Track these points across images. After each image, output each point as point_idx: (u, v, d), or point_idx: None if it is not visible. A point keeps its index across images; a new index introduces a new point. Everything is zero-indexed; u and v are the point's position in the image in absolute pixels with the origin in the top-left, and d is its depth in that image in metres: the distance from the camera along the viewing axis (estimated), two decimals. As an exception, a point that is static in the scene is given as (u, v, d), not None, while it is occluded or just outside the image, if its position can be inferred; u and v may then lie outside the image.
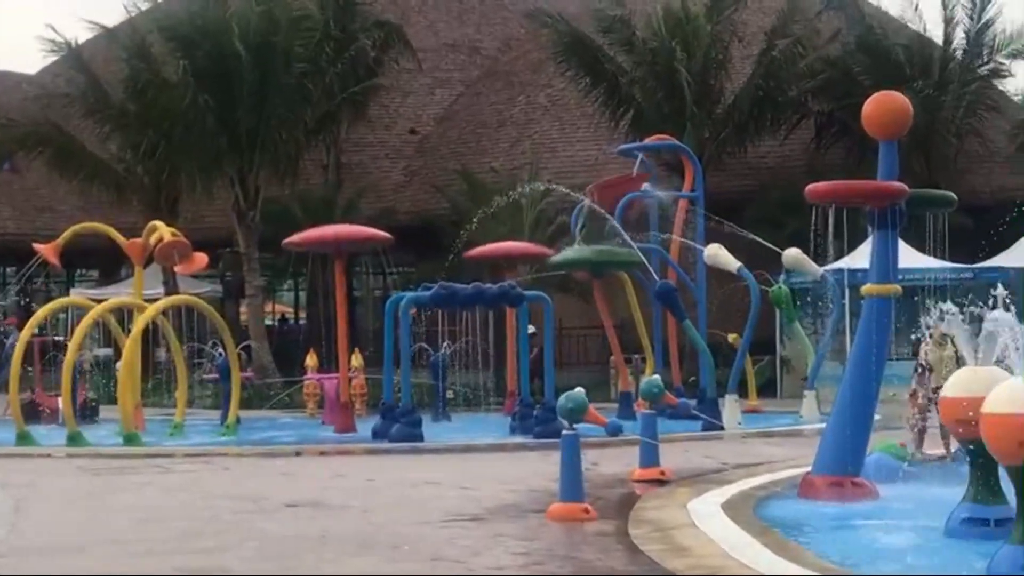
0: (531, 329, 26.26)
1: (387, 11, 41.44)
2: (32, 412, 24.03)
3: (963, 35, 37.77)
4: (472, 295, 22.06)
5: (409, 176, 41.91)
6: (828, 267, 27.09)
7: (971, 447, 10.14)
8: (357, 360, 26.06)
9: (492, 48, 46.25)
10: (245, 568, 9.77)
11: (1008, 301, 10.88)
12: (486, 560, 9.91)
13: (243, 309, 38.80)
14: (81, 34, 38.90)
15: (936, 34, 38.51)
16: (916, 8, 38.87)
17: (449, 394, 26.99)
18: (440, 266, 29.38)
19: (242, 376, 25.37)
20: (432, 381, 26.29)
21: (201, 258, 25.17)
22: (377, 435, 21.43)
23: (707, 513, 11.80)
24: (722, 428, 22.30)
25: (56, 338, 29.12)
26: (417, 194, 40.73)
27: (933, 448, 16.16)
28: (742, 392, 25.80)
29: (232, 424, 23.02)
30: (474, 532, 11.44)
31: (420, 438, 20.73)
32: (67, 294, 38.96)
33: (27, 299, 38.53)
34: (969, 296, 12.35)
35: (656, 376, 18.00)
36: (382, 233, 24.50)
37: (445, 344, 26.83)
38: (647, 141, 29.79)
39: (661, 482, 14.38)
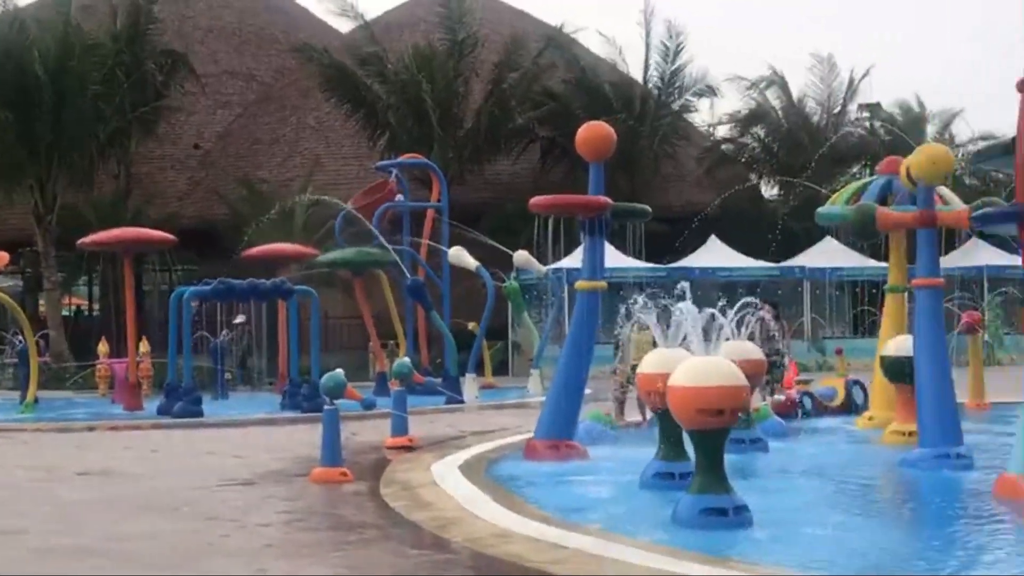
0: (240, 319, 25.97)
1: (174, 41, 40.34)
2: None
3: (659, 77, 39.13)
4: (247, 289, 21.75)
5: (193, 186, 40.95)
6: (551, 266, 27.68)
7: (661, 414, 10.48)
8: (144, 346, 25.28)
9: (267, 75, 45.56)
10: (39, 528, 9.40)
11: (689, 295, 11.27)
12: (256, 518, 9.77)
13: (42, 302, 37.32)
14: None
15: (639, 75, 39.84)
16: (621, 52, 40.09)
17: (227, 375, 26.47)
18: (221, 264, 28.83)
19: (40, 360, 24.38)
20: (212, 364, 25.76)
21: (3, 256, 24.05)
22: (162, 412, 20.82)
23: (447, 473, 11.86)
24: (462, 402, 22.46)
25: None
26: (200, 201, 39.84)
27: (632, 416, 16.60)
28: (480, 371, 26.08)
29: (30, 403, 22.08)
30: (246, 494, 11.26)
31: (200, 414, 20.30)
32: None
33: None
34: (662, 291, 12.73)
35: (406, 358, 18.02)
36: (167, 235, 23.82)
37: (223, 332, 26.33)
38: (401, 159, 29.87)
39: (409, 448, 14.37)
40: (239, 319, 26.09)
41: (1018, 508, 8.97)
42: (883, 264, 21.27)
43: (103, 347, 27.29)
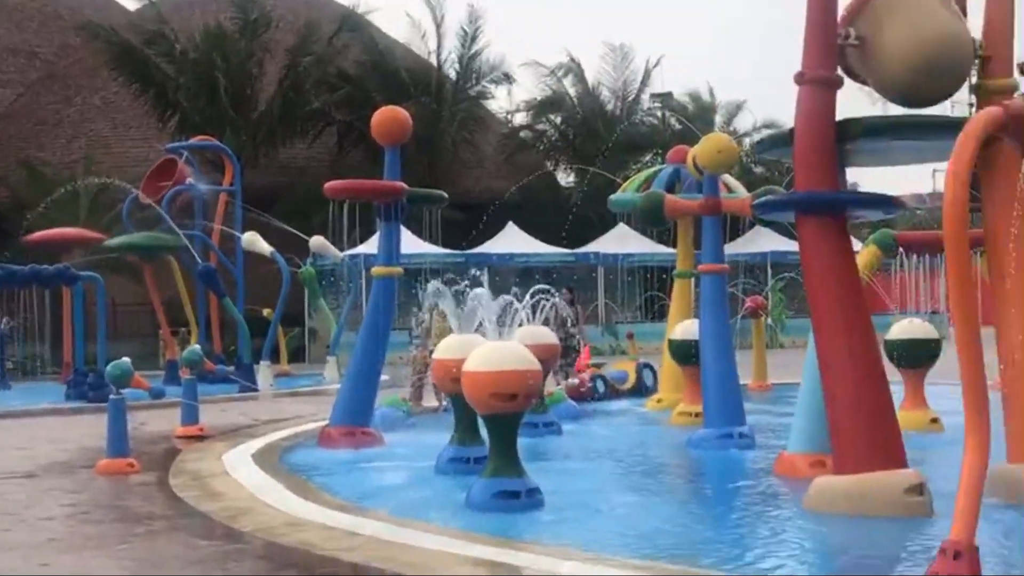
0: None
1: (-52, 17, 38.51)
2: None
3: (456, 62, 39.33)
4: (29, 275, 20.97)
5: (-30, 168, 39.11)
6: (347, 252, 27.55)
7: (456, 400, 10.55)
8: (-83, 337, 24.14)
9: (50, 53, 43.86)
10: None
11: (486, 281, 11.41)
12: (38, 511, 9.44)
13: None
14: None
15: (437, 60, 39.93)
16: (424, 36, 40.09)
17: (9, 364, 25.41)
18: (1, 250, 27.65)
19: None
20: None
21: None
22: (-63, 404, 19.91)
23: (239, 462, 11.72)
24: (256, 390, 22.19)
25: None
26: (-22, 184, 38.08)
27: (430, 401, 16.67)
28: (275, 358, 25.77)
29: None
30: (28, 487, 10.86)
31: (-21, 405, 19.49)
32: None
33: None
34: (459, 276, 12.82)
35: (197, 346, 17.68)
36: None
37: (4, 320, 25.27)
38: (192, 141, 29.19)
39: (200, 438, 14.12)
40: None
41: (795, 485, 9.39)
42: (672, 250, 21.93)
43: None
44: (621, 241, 35.44)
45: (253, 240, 24.83)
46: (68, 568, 7.43)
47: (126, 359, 12.12)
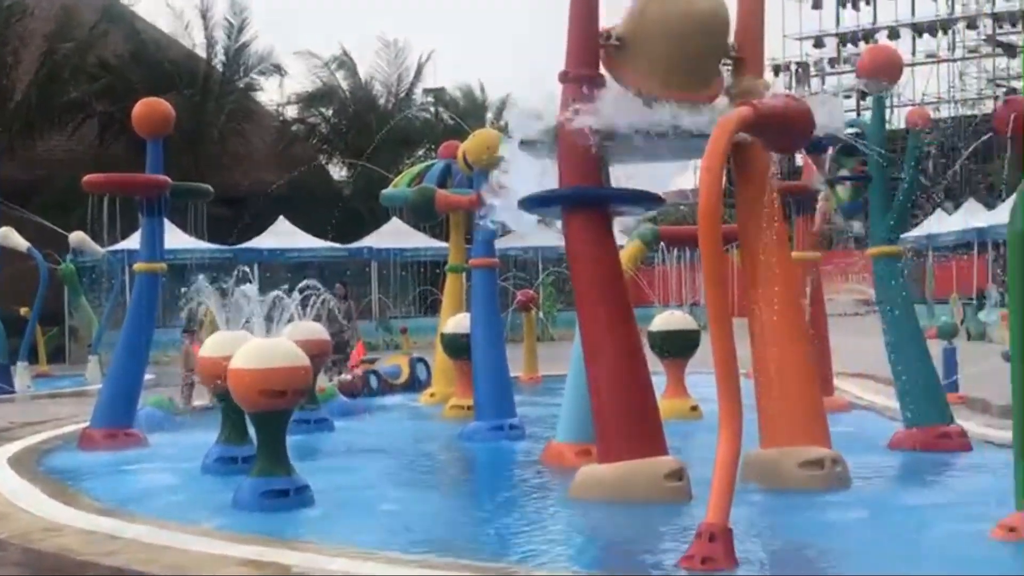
0: None
1: None
2: None
3: (223, 53, 38.58)
4: None
5: None
6: (110, 248, 26.66)
7: (222, 398, 10.36)
8: None
9: None
10: None
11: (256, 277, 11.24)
12: None
13: None
14: None
15: (204, 51, 39.10)
16: (188, 27, 39.16)
17: None
18: None
19: None
20: None
21: None
22: None
23: (-7, 468, 11.24)
24: (13, 392, 21.24)
25: None
26: None
27: (201, 400, 16.30)
28: (33, 359, 24.74)
29: None
30: None
31: None
32: None
33: None
34: (225, 273, 12.59)
35: (-53, 347, 16.82)
36: None
37: None
38: (-59, 132, 27.79)
39: (-48, 443, 13.46)
40: None
41: (563, 474, 9.61)
42: (445, 244, 22.08)
43: None
44: (394, 236, 35.41)
45: (7, 235, 23.80)
46: None
47: None
